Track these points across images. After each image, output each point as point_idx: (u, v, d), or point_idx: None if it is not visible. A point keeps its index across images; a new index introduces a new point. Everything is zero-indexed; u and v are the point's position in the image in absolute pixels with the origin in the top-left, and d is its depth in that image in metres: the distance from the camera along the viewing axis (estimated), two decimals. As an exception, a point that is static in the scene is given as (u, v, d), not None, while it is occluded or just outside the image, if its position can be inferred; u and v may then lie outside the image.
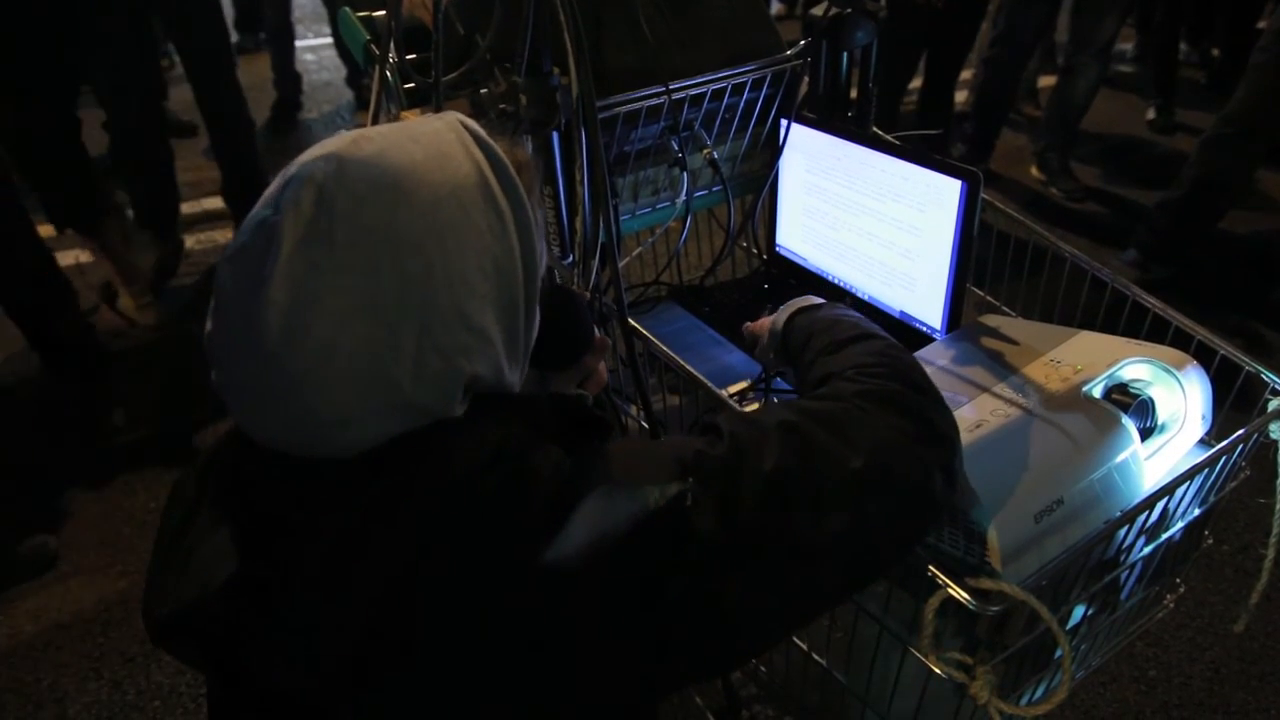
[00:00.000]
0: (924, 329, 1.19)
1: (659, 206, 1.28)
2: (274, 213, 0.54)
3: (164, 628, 0.60)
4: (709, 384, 0.94)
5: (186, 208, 3.15)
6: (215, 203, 3.27)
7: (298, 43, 4.29)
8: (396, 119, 1.15)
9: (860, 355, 0.75)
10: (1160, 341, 0.99)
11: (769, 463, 0.60)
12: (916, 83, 3.46)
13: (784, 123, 1.28)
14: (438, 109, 1.03)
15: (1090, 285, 1.13)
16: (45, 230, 2.42)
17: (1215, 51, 4.51)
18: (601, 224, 0.97)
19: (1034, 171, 3.49)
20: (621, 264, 1.02)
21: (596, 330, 0.88)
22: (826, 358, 0.78)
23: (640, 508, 0.56)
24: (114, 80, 2.64)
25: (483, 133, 0.61)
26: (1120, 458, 0.85)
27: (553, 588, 0.54)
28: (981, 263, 1.18)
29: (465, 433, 0.57)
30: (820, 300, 0.93)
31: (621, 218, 1.23)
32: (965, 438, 0.85)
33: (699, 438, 0.64)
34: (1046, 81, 4.09)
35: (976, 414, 0.90)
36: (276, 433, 0.55)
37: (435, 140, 0.58)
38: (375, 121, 1.05)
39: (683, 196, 1.25)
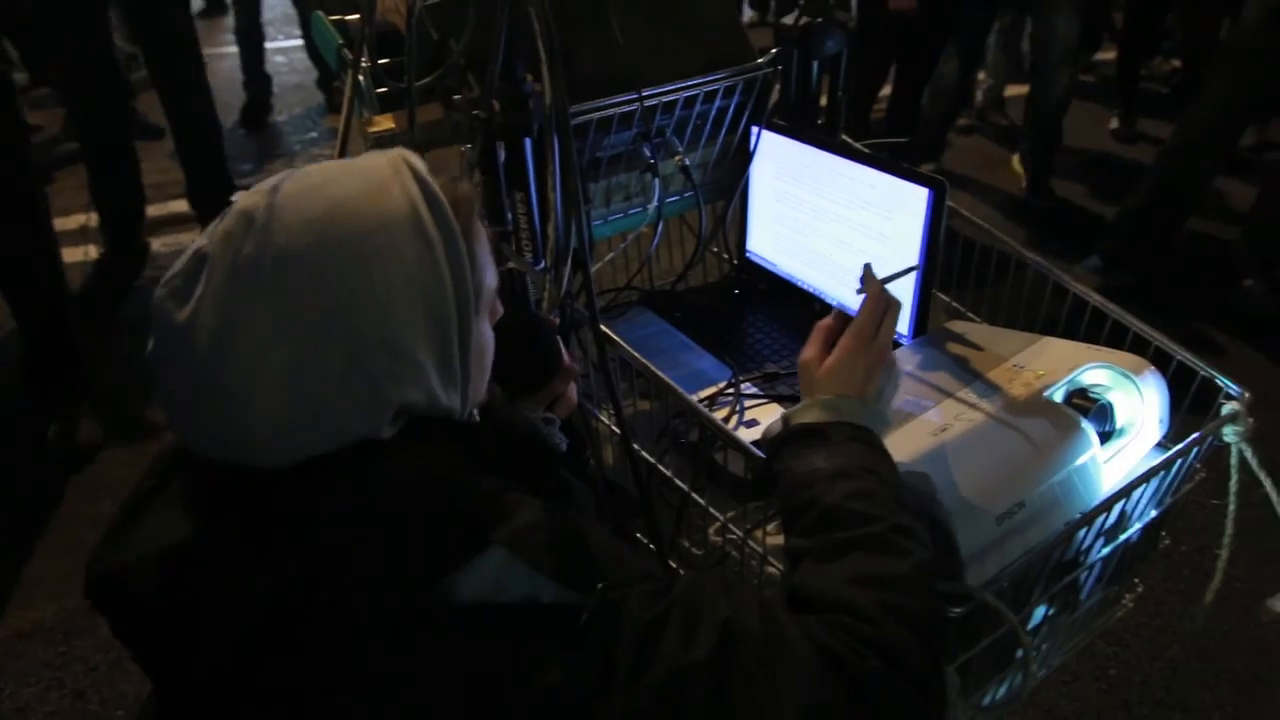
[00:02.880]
0: (891, 334, 1.21)
1: (631, 212, 1.29)
2: (208, 241, 0.57)
3: (96, 584, 0.61)
4: (679, 389, 0.95)
5: (152, 210, 3.11)
6: (181, 205, 3.23)
7: (267, 44, 4.25)
8: (369, 123, 1.14)
9: (856, 588, 0.62)
10: (1119, 347, 1.02)
11: (685, 657, 0.55)
12: (886, 91, 3.51)
13: (755, 130, 1.30)
14: (411, 114, 1.03)
15: (1052, 292, 1.15)
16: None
17: (1176, 63, 4.62)
18: (574, 229, 0.98)
19: (1015, 165, 3.51)
20: (593, 269, 1.02)
21: (564, 354, 0.89)
22: (814, 567, 0.65)
23: (531, 593, 0.55)
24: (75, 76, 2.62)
25: (423, 169, 0.63)
26: (1080, 461, 0.87)
27: (433, 623, 0.54)
28: (947, 269, 1.20)
29: (388, 455, 0.58)
30: (826, 413, 0.76)
31: (593, 223, 1.24)
32: (930, 441, 0.87)
33: (647, 577, 0.59)
34: (1015, 90, 4.16)
35: (941, 418, 0.91)
36: (207, 446, 0.58)
37: (373, 174, 0.60)
38: (348, 124, 1.05)
39: (655, 202, 1.26)
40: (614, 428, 1.03)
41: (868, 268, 0.87)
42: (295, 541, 0.55)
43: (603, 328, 0.96)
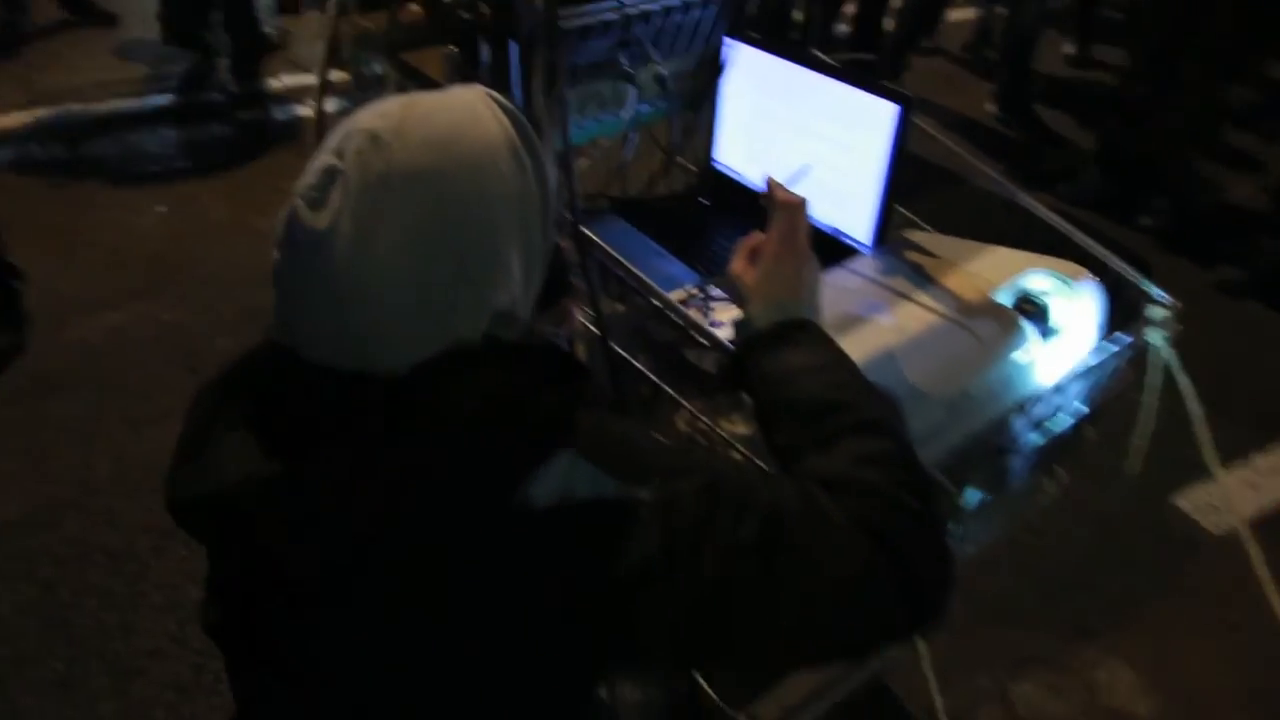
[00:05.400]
0: (853, 244, 1.27)
1: (602, 118, 1.31)
2: (339, 160, 0.62)
3: (181, 510, 0.68)
4: (656, 287, 1.00)
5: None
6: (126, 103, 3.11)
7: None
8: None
9: (862, 467, 0.69)
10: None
11: (736, 536, 0.62)
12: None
13: (726, 41, 1.32)
14: (391, 15, 1.03)
15: (1005, 207, 1.22)
16: None
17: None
18: (558, 134, 1.01)
19: (988, 107, 3.53)
20: (572, 174, 1.05)
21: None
22: (818, 457, 0.71)
23: (596, 490, 0.62)
24: None
25: (506, 101, 0.70)
26: (1020, 357, 0.95)
27: (517, 526, 0.62)
28: (907, 184, 1.25)
29: (473, 371, 0.65)
30: (781, 315, 0.81)
31: (569, 129, 1.26)
32: (887, 339, 0.95)
33: (696, 470, 0.65)
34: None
35: (898, 320, 0.99)
36: (328, 348, 0.63)
37: (469, 106, 0.68)
38: (335, 29, 1.05)
39: (630, 110, 1.28)
40: (592, 326, 1.08)
41: (769, 179, 0.92)
42: (398, 450, 0.61)
43: (583, 230, 1.00)
